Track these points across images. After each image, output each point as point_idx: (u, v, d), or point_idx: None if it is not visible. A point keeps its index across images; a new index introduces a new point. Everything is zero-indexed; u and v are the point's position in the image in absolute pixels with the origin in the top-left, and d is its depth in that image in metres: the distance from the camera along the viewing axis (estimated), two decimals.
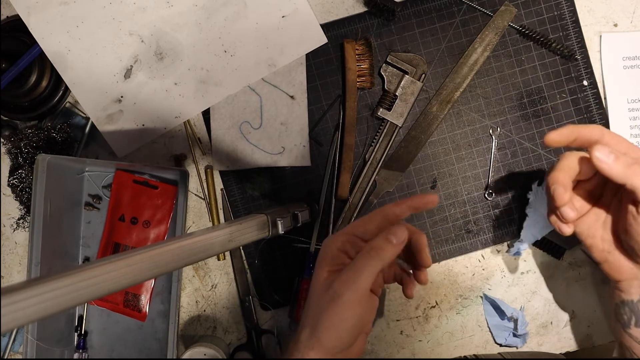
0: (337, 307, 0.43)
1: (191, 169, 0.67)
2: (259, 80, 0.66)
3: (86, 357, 0.67)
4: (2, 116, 0.67)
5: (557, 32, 0.66)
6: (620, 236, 0.51)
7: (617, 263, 0.52)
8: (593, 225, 0.53)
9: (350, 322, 0.43)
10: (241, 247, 0.67)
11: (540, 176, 0.67)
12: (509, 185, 0.67)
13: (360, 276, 0.43)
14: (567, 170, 0.49)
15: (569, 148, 0.54)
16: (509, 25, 0.66)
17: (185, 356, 0.62)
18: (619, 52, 0.67)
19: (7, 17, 0.66)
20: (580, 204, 0.53)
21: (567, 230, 0.51)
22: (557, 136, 0.48)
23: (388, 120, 0.66)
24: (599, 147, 0.44)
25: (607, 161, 0.44)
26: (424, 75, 0.66)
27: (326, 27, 0.66)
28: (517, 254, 0.66)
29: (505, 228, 0.67)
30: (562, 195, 0.47)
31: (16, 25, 0.65)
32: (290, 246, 0.67)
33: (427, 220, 0.67)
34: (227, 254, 0.68)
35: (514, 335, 0.66)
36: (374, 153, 0.66)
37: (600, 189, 0.53)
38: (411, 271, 0.52)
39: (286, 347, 0.47)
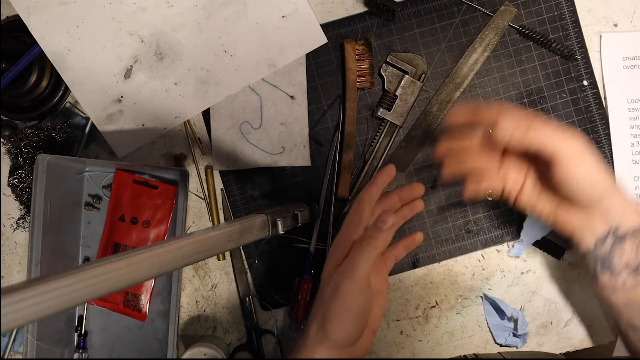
0: (338, 298, 0.45)
1: (191, 169, 0.67)
2: (259, 80, 0.66)
3: (86, 357, 0.67)
4: (2, 116, 0.67)
5: (557, 32, 0.66)
6: (556, 191, 0.51)
7: (564, 218, 0.52)
8: (532, 193, 0.53)
9: (352, 311, 0.45)
10: (241, 247, 0.67)
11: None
12: None
13: (357, 265, 0.45)
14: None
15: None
16: (509, 25, 0.66)
17: (185, 356, 0.62)
18: (619, 52, 0.67)
19: (7, 17, 0.66)
20: (514, 177, 0.54)
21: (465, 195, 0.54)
22: (455, 114, 0.51)
23: (388, 120, 0.66)
24: (501, 120, 0.46)
25: (505, 130, 0.46)
26: (424, 75, 0.66)
27: (326, 27, 0.66)
28: (517, 254, 0.66)
29: (505, 228, 0.67)
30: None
31: (16, 25, 0.65)
32: (290, 246, 0.67)
33: (427, 220, 0.67)
34: (227, 254, 0.68)
35: (514, 335, 0.66)
36: (374, 153, 0.66)
37: (524, 160, 0.54)
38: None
39: (295, 343, 0.49)
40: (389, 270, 0.56)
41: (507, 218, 0.67)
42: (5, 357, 0.67)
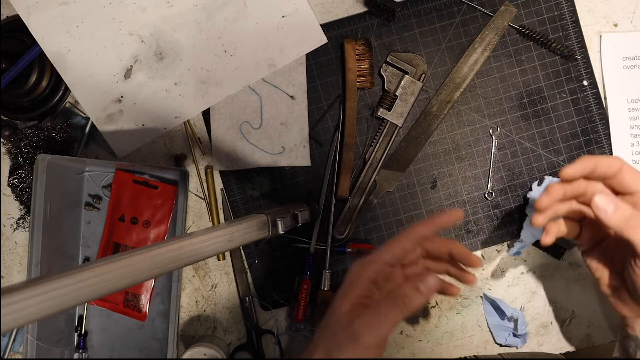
0: (355, 350, 0.41)
1: (191, 169, 0.67)
2: (259, 80, 0.66)
3: (86, 357, 0.67)
4: (2, 116, 0.67)
5: (557, 32, 0.66)
6: (626, 279, 0.50)
7: (624, 300, 0.51)
8: (602, 260, 0.52)
9: None
10: (241, 247, 0.67)
11: (540, 176, 0.67)
12: (509, 185, 0.67)
13: (383, 323, 0.41)
14: (554, 195, 0.47)
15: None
16: (509, 25, 0.66)
17: (185, 356, 0.62)
18: (619, 52, 0.67)
19: (7, 17, 0.66)
20: (590, 235, 0.52)
21: (545, 239, 0.50)
22: (572, 171, 0.46)
23: (388, 120, 0.66)
24: (600, 195, 0.43)
25: (606, 211, 0.43)
26: (424, 75, 0.66)
27: (326, 27, 0.66)
28: (517, 254, 0.66)
29: (505, 228, 0.67)
30: (536, 219, 0.47)
31: (16, 25, 0.65)
32: (290, 246, 0.67)
33: None
34: (227, 254, 0.68)
35: (514, 335, 0.66)
36: (374, 153, 0.66)
37: None
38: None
39: None
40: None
41: (507, 218, 0.67)
42: (5, 357, 0.67)
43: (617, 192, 0.48)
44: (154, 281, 0.67)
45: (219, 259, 0.68)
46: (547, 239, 0.49)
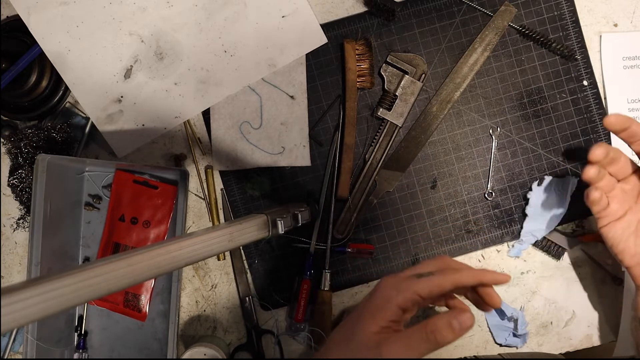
0: None
1: (191, 169, 0.67)
2: (259, 80, 0.66)
3: (86, 357, 0.67)
4: (2, 116, 0.67)
5: (557, 32, 0.66)
6: None
7: None
8: (626, 230, 0.54)
9: None
10: (241, 247, 0.67)
11: (540, 176, 0.67)
12: (509, 185, 0.67)
13: (411, 354, 0.40)
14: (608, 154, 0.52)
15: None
16: (509, 25, 0.66)
17: (185, 356, 0.62)
18: (619, 52, 0.67)
19: (7, 17, 0.66)
20: (616, 207, 0.54)
21: (594, 193, 0.53)
22: (615, 118, 0.52)
23: (388, 120, 0.66)
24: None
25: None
26: (424, 75, 0.66)
27: (326, 27, 0.66)
28: (517, 254, 0.66)
29: (505, 228, 0.67)
30: (588, 170, 0.52)
31: (16, 25, 0.65)
32: (290, 246, 0.67)
33: (427, 220, 0.67)
34: (227, 254, 0.68)
35: (514, 335, 0.66)
36: (374, 153, 0.66)
37: (637, 193, 0.54)
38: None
39: None
40: None
41: (507, 218, 0.67)
42: (5, 357, 0.67)
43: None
44: (154, 281, 0.67)
45: (219, 259, 0.68)
46: (595, 194, 0.53)
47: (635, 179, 0.55)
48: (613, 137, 0.66)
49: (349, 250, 0.66)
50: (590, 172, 0.52)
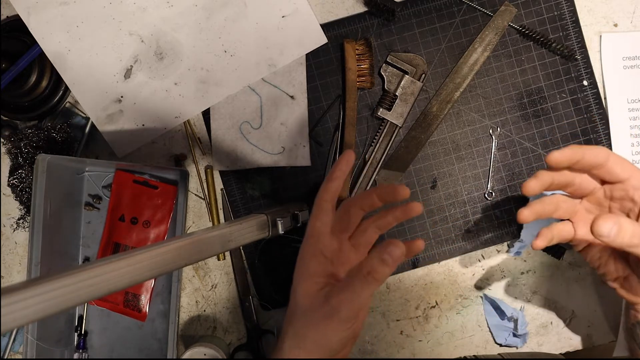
0: (333, 324, 0.42)
1: (191, 169, 0.67)
2: (259, 80, 0.66)
3: (86, 357, 0.67)
4: (2, 116, 0.67)
5: (557, 32, 0.66)
6: (633, 266, 0.50)
7: (633, 287, 0.51)
8: (603, 253, 0.52)
9: (344, 335, 0.43)
10: (241, 247, 0.67)
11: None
12: (509, 185, 0.67)
13: (359, 298, 0.41)
14: (542, 179, 0.48)
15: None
16: (509, 25, 0.66)
17: (185, 356, 0.62)
18: (619, 52, 0.67)
19: (7, 17, 0.66)
20: (584, 230, 0.51)
21: (537, 242, 0.50)
22: (559, 156, 0.46)
23: (388, 120, 0.66)
24: (600, 221, 0.41)
25: (609, 235, 0.41)
26: (424, 75, 0.66)
27: (326, 27, 0.66)
28: (517, 254, 0.66)
29: (505, 228, 0.67)
30: (522, 213, 0.48)
31: (16, 25, 0.65)
32: (290, 246, 0.67)
33: (427, 220, 0.67)
34: (227, 254, 0.68)
35: (514, 335, 0.66)
36: (374, 153, 0.66)
37: (605, 210, 0.51)
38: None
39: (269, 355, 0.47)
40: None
41: (507, 218, 0.67)
42: (5, 357, 0.67)
43: (604, 182, 0.48)
44: (154, 281, 0.67)
45: (219, 259, 0.68)
46: (539, 242, 0.49)
47: (599, 197, 0.50)
48: (614, 138, 0.66)
49: None
50: (523, 214, 0.49)
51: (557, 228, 0.51)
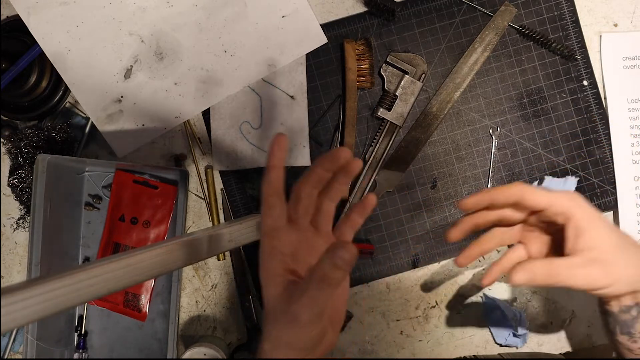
0: (297, 328, 0.41)
1: (191, 169, 0.67)
2: (259, 80, 0.66)
3: (86, 357, 0.67)
4: (2, 116, 0.67)
5: (557, 32, 0.66)
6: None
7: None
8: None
9: (314, 334, 0.43)
10: (241, 247, 0.67)
11: (540, 176, 0.67)
12: None
13: (316, 302, 0.41)
14: (463, 228, 0.52)
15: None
16: (509, 25, 0.66)
17: (185, 356, 0.62)
18: (619, 52, 0.67)
19: (7, 17, 0.66)
20: (538, 244, 0.52)
21: (485, 281, 0.52)
22: (469, 202, 0.49)
23: (388, 120, 0.66)
24: (512, 274, 0.44)
25: (526, 284, 0.45)
26: (424, 75, 0.66)
27: (326, 27, 0.66)
28: None
29: None
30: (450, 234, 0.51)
31: (16, 25, 0.65)
32: None
33: (427, 220, 0.67)
34: (227, 254, 0.68)
35: (514, 335, 0.66)
36: (374, 153, 0.66)
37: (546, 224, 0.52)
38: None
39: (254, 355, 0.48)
40: None
41: None
42: (5, 357, 0.67)
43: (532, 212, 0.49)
44: (154, 281, 0.67)
45: (219, 259, 0.68)
46: (486, 281, 0.51)
47: (531, 220, 0.51)
48: (614, 138, 0.66)
49: None
50: (458, 261, 0.52)
51: (507, 258, 0.52)
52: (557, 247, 0.50)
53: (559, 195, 0.47)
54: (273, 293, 0.44)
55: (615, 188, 0.67)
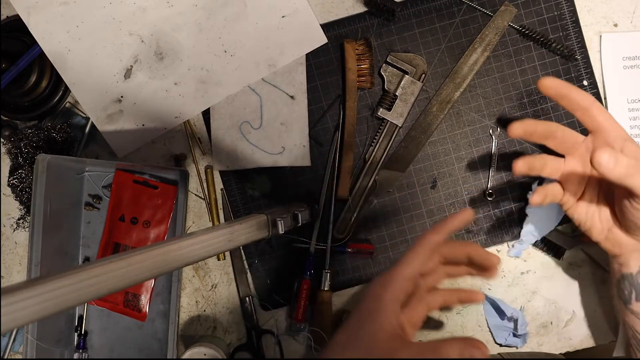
0: None
1: (191, 169, 0.67)
2: (259, 80, 0.66)
3: (86, 357, 0.67)
4: (2, 116, 0.67)
5: (557, 32, 0.66)
6: (617, 215, 0.52)
7: (617, 238, 0.53)
8: (589, 209, 0.54)
9: None
10: (241, 247, 0.67)
11: (540, 176, 0.67)
12: (509, 185, 0.67)
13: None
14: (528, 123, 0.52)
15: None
16: (509, 25, 0.66)
17: (185, 356, 0.62)
18: (619, 52, 0.67)
19: (7, 17, 0.66)
20: (574, 187, 0.54)
21: (534, 198, 0.53)
22: (551, 82, 0.50)
23: (388, 120, 0.66)
24: (599, 151, 0.43)
25: (608, 165, 0.43)
26: (424, 75, 0.66)
27: (326, 27, 0.66)
28: (517, 254, 0.66)
29: (505, 228, 0.67)
30: (517, 164, 0.53)
31: (16, 25, 0.65)
32: (290, 246, 0.67)
33: (427, 220, 0.67)
34: (227, 254, 0.68)
35: (514, 335, 0.66)
36: (374, 153, 0.66)
37: (589, 168, 0.54)
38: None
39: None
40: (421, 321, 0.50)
41: (507, 218, 0.67)
42: (5, 357, 0.67)
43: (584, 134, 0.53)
44: (154, 281, 0.67)
45: (219, 259, 0.68)
46: (535, 198, 0.53)
47: (582, 152, 0.53)
48: None
49: (349, 250, 0.66)
50: (517, 165, 0.53)
51: (549, 187, 0.54)
52: (592, 195, 0.53)
53: (619, 124, 0.51)
54: (382, 329, 0.43)
55: None
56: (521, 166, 0.53)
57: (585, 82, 0.67)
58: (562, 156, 0.55)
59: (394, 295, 0.45)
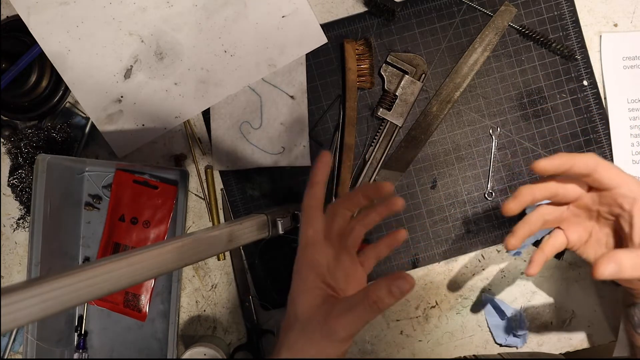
0: (330, 343, 0.42)
1: (191, 169, 0.67)
2: (259, 80, 0.66)
3: (86, 357, 0.67)
4: (2, 116, 0.67)
5: (557, 32, 0.66)
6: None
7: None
8: (598, 250, 0.51)
9: (339, 352, 0.43)
10: (241, 247, 0.67)
11: (540, 176, 0.67)
12: (509, 185, 0.67)
13: (359, 323, 0.42)
14: (522, 198, 0.48)
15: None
16: (509, 25, 0.66)
17: (185, 356, 0.62)
18: (619, 52, 0.67)
19: (7, 17, 0.66)
20: (576, 235, 0.51)
21: (530, 270, 0.50)
22: (547, 164, 0.45)
23: (388, 120, 0.66)
24: (601, 266, 0.41)
25: (614, 276, 0.42)
26: (424, 75, 0.66)
27: (326, 27, 0.66)
28: (517, 254, 0.66)
29: (505, 228, 0.67)
30: (509, 242, 0.49)
31: (16, 25, 0.65)
32: (290, 246, 0.67)
33: (427, 220, 0.67)
34: (227, 254, 0.68)
35: (514, 335, 0.66)
36: (374, 153, 0.66)
37: (595, 209, 0.50)
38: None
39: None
40: (369, 271, 0.52)
41: (507, 218, 0.67)
42: (5, 357, 0.67)
43: (590, 188, 0.48)
44: (154, 281, 0.67)
45: (219, 259, 0.68)
46: (532, 271, 0.50)
47: (586, 200, 0.49)
48: (614, 138, 0.66)
49: None
50: (510, 243, 0.50)
51: (549, 245, 0.51)
52: (600, 235, 0.50)
53: (630, 177, 0.45)
54: (308, 304, 0.45)
55: None
56: (514, 244, 0.50)
57: (585, 82, 0.67)
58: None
59: (314, 260, 0.47)
